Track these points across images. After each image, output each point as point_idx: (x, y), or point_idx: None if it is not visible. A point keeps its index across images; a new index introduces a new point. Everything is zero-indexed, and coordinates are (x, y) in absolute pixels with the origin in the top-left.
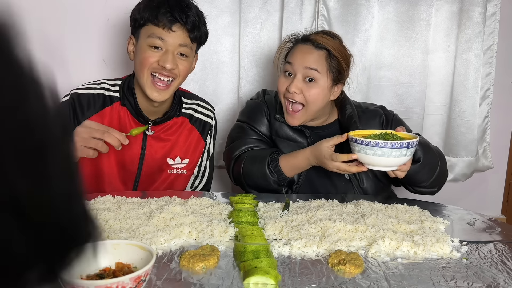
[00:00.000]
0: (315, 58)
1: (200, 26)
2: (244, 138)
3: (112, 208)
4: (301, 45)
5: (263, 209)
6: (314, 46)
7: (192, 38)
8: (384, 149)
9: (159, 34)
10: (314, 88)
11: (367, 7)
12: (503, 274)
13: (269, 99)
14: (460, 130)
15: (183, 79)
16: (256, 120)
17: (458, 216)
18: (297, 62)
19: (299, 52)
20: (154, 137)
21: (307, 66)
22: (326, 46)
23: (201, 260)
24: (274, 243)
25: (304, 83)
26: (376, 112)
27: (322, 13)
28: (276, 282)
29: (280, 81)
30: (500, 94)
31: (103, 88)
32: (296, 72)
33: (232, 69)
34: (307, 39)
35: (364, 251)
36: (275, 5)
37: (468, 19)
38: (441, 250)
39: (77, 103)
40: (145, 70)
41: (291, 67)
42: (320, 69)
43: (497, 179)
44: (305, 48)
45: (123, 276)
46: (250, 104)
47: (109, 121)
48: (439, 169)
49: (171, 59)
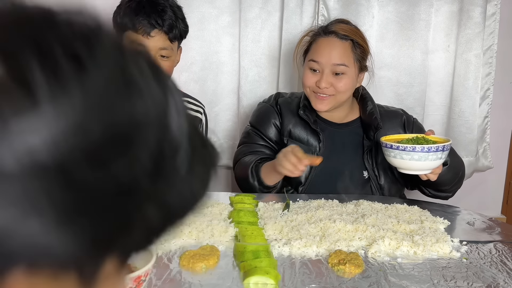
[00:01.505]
0: (341, 52)
1: (178, 24)
2: (249, 144)
3: None
4: (324, 38)
5: (263, 209)
6: (337, 38)
7: (172, 38)
8: (421, 153)
9: (139, 40)
10: (344, 79)
11: (367, 7)
12: (503, 274)
13: (283, 101)
14: (460, 130)
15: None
16: (263, 125)
17: (458, 216)
18: (324, 59)
19: (324, 48)
20: None
21: (334, 63)
22: (350, 36)
23: (201, 260)
24: (274, 243)
25: (333, 76)
26: (397, 113)
27: (322, 13)
28: (276, 282)
29: (306, 77)
30: (500, 94)
31: None
32: (323, 68)
33: (232, 69)
34: (329, 31)
35: (364, 251)
36: (275, 5)
37: (468, 19)
38: (441, 250)
39: None
40: None
41: (318, 65)
42: (347, 62)
43: (497, 179)
44: (329, 42)
45: None
46: (260, 107)
47: None
48: (461, 173)
49: None
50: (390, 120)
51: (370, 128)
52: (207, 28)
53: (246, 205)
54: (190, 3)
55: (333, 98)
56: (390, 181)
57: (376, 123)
